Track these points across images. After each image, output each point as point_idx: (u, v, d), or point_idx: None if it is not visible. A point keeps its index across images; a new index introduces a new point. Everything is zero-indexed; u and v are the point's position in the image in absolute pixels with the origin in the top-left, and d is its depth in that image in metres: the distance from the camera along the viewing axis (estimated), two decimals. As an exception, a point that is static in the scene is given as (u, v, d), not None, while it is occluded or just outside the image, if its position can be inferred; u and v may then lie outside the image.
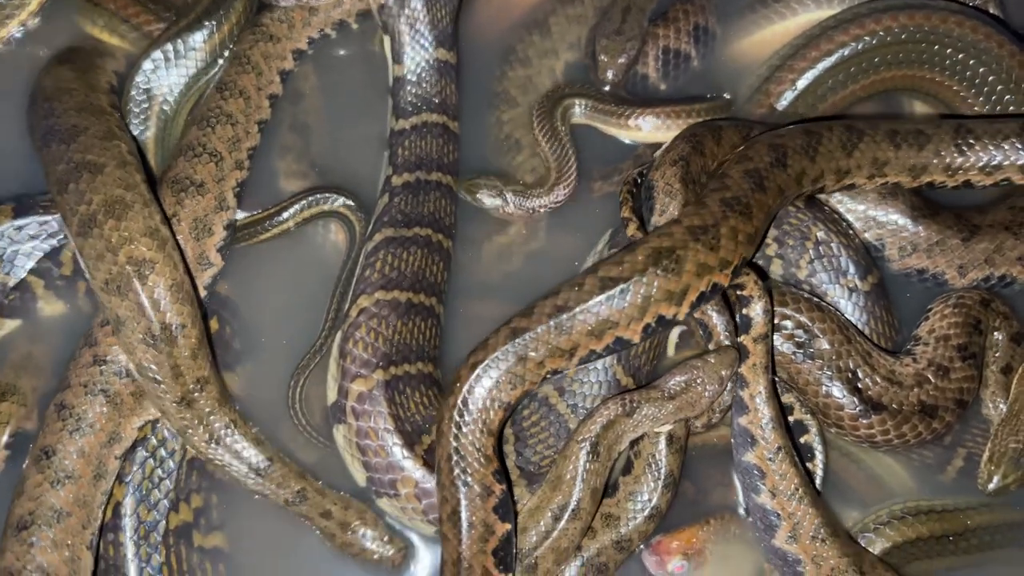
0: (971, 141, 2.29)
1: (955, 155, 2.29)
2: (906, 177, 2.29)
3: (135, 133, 2.39)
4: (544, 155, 2.44)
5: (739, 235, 2.06)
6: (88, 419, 2.17)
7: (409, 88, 2.43)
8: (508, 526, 2.06)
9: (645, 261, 2.01)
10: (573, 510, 2.09)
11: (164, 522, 2.24)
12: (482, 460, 2.04)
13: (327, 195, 2.41)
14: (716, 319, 2.16)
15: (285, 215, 2.41)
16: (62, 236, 2.33)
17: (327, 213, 2.42)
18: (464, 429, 2.03)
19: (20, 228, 2.33)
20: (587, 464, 2.09)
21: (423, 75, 2.43)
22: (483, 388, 2.03)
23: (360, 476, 2.23)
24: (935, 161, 2.28)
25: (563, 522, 2.10)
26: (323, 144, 2.50)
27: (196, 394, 2.16)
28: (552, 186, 2.41)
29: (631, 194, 2.26)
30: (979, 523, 2.27)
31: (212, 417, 2.18)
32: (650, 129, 2.43)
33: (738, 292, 2.16)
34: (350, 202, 2.41)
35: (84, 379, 2.18)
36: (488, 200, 2.40)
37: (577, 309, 2.01)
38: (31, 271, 2.34)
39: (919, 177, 2.29)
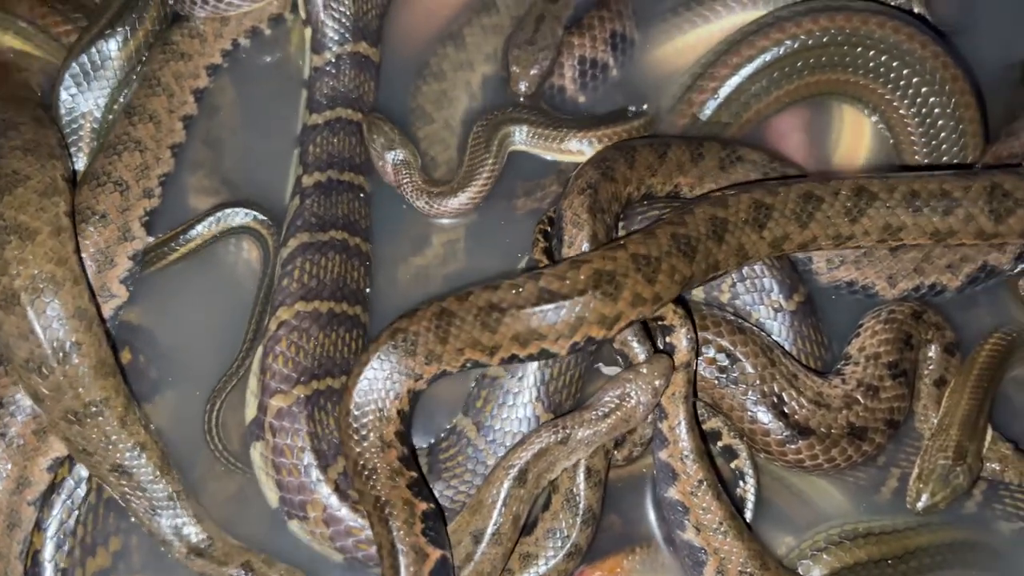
0: (1011, 205, 2.15)
1: (991, 221, 2.15)
2: (927, 240, 2.17)
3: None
4: (461, 171, 2.31)
5: (676, 275, 2.00)
6: None
7: (327, 80, 2.33)
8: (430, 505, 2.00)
9: (586, 282, 1.96)
10: (493, 534, 2.00)
11: (81, 569, 2.13)
12: (383, 420, 1.98)
13: (236, 210, 2.29)
14: (637, 348, 2.05)
15: (192, 234, 2.28)
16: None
17: (238, 229, 2.30)
18: (371, 387, 1.98)
19: None
20: (511, 490, 2.01)
21: (343, 67, 2.33)
22: (398, 354, 1.97)
23: (273, 496, 2.13)
24: (967, 227, 2.15)
25: (483, 546, 2.01)
26: (235, 158, 2.38)
27: (133, 461, 2.07)
28: (440, 194, 2.29)
29: (544, 234, 2.16)
30: (919, 544, 2.18)
31: (153, 487, 2.08)
32: (590, 153, 2.28)
33: (658, 322, 2.07)
34: (261, 216, 2.29)
35: None
36: (378, 145, 2.28)
37: (509, 312, 1.96)
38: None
39: (944, 240, 2.17)
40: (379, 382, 1.98)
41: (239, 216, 2.29)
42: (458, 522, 2.03)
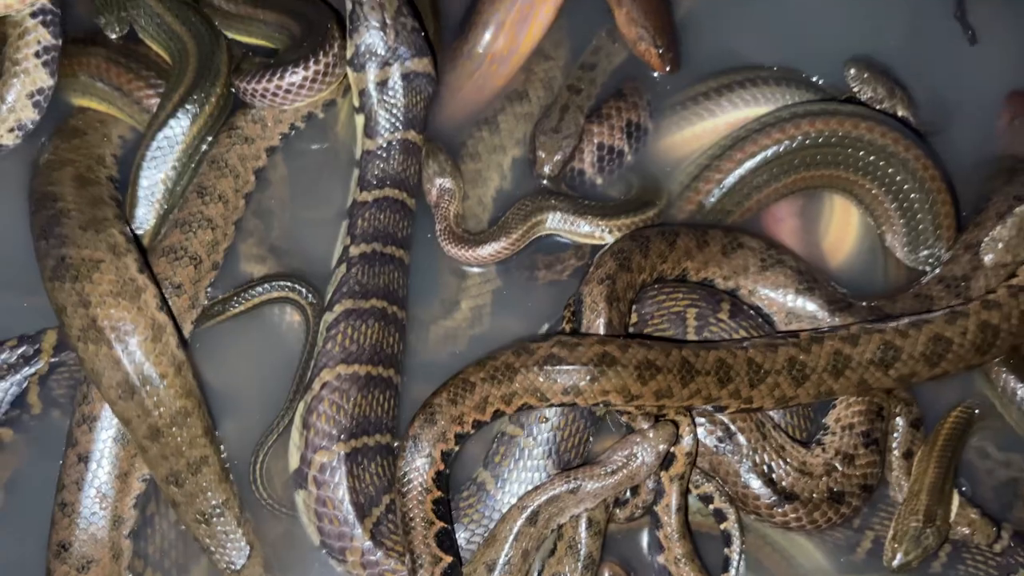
0: None
1: None
2: None
3: (145, 224, 2.34)
4: (492, 228, 2.38)
5: (776, 391, 2.14)
6: (88, 509, 2.17)
7: (377, 163, 2.36)
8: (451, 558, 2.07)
9: (715, 364, 2.10)
10: (504, 564, 2.07)
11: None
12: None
13: (282, 283, 2.35)
14: (643, 424, 2.12)
15: (239, 300, 2.34)
16: (23, 382, 2.28)
17: (282, 299, 2.36)
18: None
19: None
20: (523, 527, 2.07)
21: (393, 152, 2.36)
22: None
23: (315, 538, 2.20)
24: None
25: (495, 574, 2.07)
26: (282, 228, 2.43)
27: (244, 560, 2.19)
28: (463, 239, 2.35)
29: (572, 315, 2.23)
30: None
31: (232, 536, 2.19)
32: (610, 239, 2.35)
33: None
34: (302, 288, 2.34)
35: (75, 477, 2.18)
36: (431, 170, 2.37)
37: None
38: None
39: None
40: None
41: (284, 288, 2.34)
42: (475, 555, 2.10)
